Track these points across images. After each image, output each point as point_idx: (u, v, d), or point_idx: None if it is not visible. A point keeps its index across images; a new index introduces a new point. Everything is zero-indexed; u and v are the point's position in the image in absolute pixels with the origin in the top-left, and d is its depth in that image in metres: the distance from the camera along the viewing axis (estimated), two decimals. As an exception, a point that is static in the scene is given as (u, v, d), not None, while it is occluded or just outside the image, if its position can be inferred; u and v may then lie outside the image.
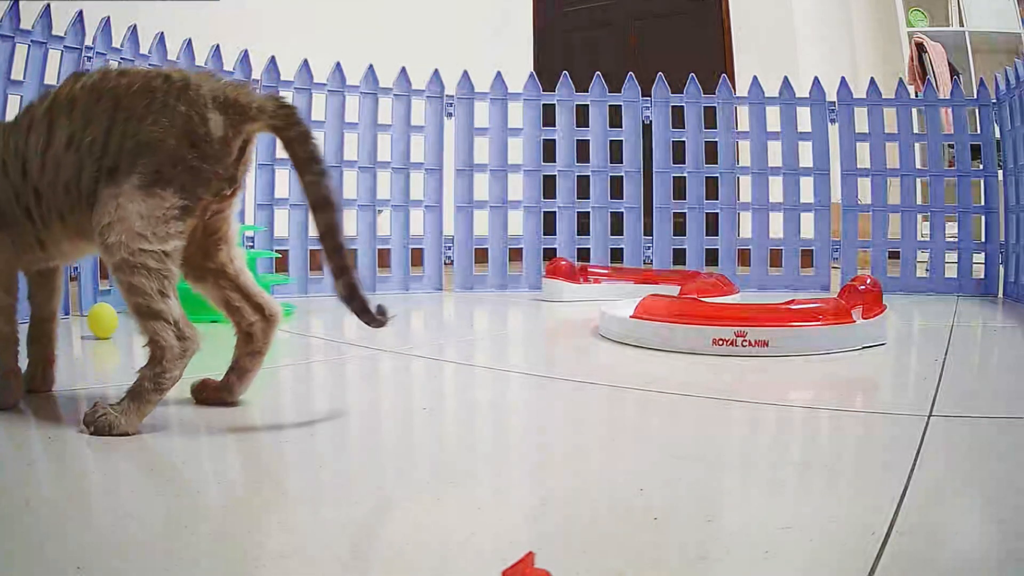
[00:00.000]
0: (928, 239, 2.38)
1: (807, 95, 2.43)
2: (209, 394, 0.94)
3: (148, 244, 0.81)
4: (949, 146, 2.53)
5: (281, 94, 0.97)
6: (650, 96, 2.47)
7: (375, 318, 0.89)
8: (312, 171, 0.86)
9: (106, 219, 0.81)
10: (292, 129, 0.86)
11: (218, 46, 2.11)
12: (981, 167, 2.36)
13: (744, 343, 1.32)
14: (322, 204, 0.86)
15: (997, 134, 2.33)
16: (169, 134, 0.81)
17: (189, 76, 0.86)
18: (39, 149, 0.84)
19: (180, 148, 0.82)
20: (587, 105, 2.49)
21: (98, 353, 1.37)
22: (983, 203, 2.35)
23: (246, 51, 2.20)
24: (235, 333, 0.95)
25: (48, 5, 1.65)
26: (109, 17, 1.78)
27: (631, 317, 1.45)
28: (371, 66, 2.34)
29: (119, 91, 0.83)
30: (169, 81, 0.84)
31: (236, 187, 0.89)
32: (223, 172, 0.85)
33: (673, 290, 1.86)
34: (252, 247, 2.18)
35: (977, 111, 2.37)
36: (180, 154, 0.81)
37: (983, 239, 2.34)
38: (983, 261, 2.33)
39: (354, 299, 0.88)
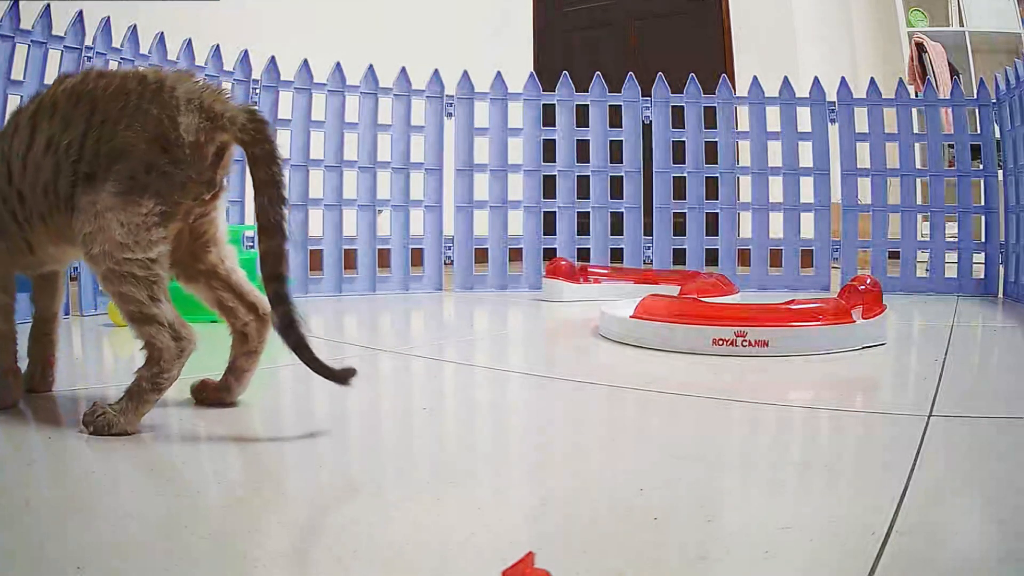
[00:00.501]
0: (928, 239, 2.38)
1: (807, 95, 2.43)
2: (208, 394, 0.94)
3: (132, 253, 0.80)
4: (949, 146, 2.53)
5: (256, 106, 0.94)
6: (650, 96, 2.47)
7: (316, 359, 0.84)
8: (268, 193, 0.83)
9: (87, 228, 0.81)
10: (258, 146, 0.84)
11: (218, 46, 2.11)
12: (981, 167, 2.36)
13: (744, 343, 1.32)
14: (270, 228, 0.83)
15: (997, 134, 2.33)
16: (140, 138, 0.81)
17: (165, 77, 0.84)
18: (21, 152, 0.85)
19: (152, 153, 0.81)
20: (587, 105, 2.49)
21: (100, 352, 1.38)
22: (983, 203, 2.35)
23: (246, 51, 2.20)
24: (230, 333, 0.94)
25: (48, 5, 1.65)
26: (109, 17, 1.78)
27: (631, 317, 1.45)
28: (371, 66, 2.34)
29: (96, 94, 0.83)
30: (144, 83, 0.83)
31: (216, 191, 0.88)
32: (198, 177, 0.84)
33: (673, 290, 1.86)
34: (252, 247, 2.18)
35: (977, 111, 2.37)
36: (152, 159, 0.81)
37: (983, 239, 2.34)
38: (983, 261, 2.33)
39: (290, 333, 0.83)
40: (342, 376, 0.84)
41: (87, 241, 0.81)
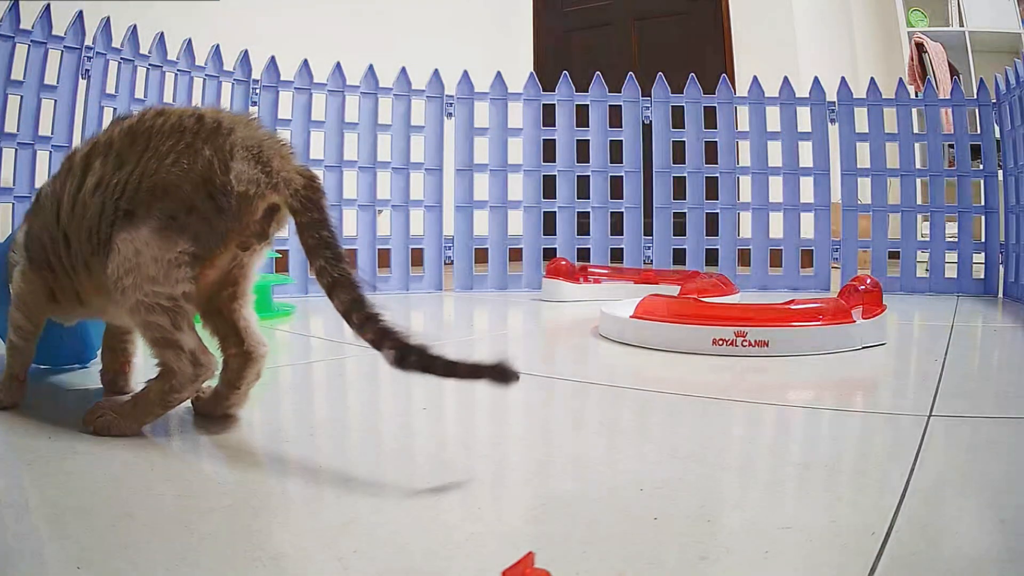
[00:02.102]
0: (928, 239, 2.38)
1: (807, 95, 2.43)
2: (202, 404, 0.93)
3: (160, 287, 0.78)
4: (949, 146, 2.54)
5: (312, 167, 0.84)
6: (650, 96, 2.47)
7: (458, 364, 0.72)
8: (323, 255, 0.77)
9: (124, 266, 0.78)
10: (306, 215, 0.78)
11: (218, 46, 2.11)
12: (981, 167, 2.36)
13: (744, 343, 1.32)
14: (339, 284, 0.76)
15: (997, 134, 2.33)
16: (186, 179, 0.77)
17: (223, 118, 0.81)
18: (72, 192, 0.83)
19: (195, 196, 0.77)
20: (587, 105, 2.49)
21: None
22: (983, 203, 2.35)
23: (246, 51, 2.20)
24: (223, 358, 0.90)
25: (48, 5, 1.65)
26: (109, 17, 1.78)
27: (631, 317, 1.45)
28: (371, 66, 2.34)
29: (152, 132, 0.80)
30: (201, 122, 0.80)
31: (266, 242, 0.85)
32: (242, 228, 0.80)
33: (673, 290, 1.86)
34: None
35: (977, 111, 2.37)
36: (194, 202, 0.77)
37: (983, 239, 2.34)
38: (983, 261, 2.33)
39: (411, 363, 0.74)
40: (502, 373, 0.70)
41: (122, 275, 0.78)
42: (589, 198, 2.49)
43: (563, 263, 2.24)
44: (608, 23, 4.12)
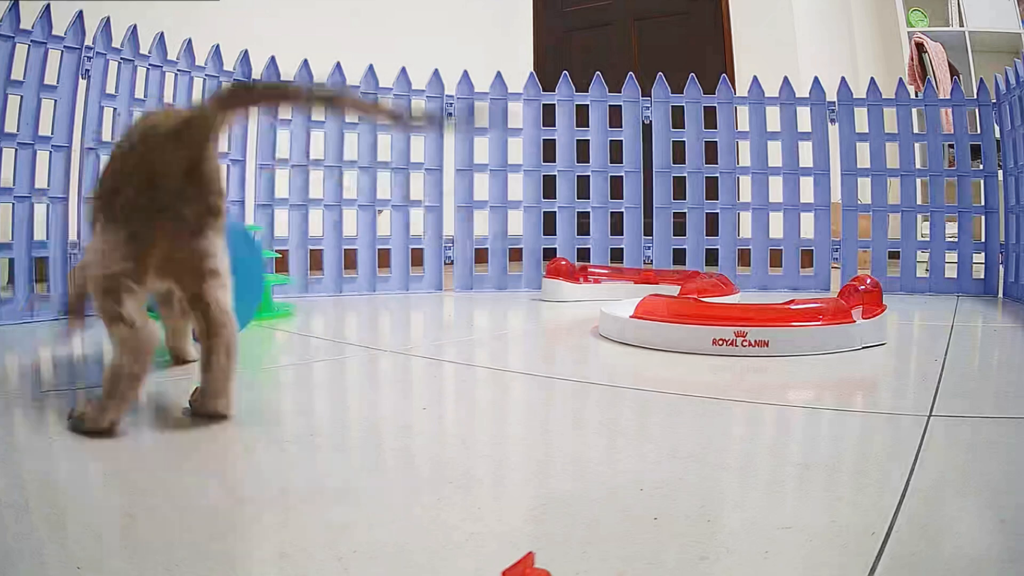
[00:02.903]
0: (928, 239, 2.38)
1: (807, 95, 2.43)
2: (196, 404, 0.92)
3: (103, 269, 0.83)
4: (949, 146, 2.54)
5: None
6: (650, 96, 2.47)
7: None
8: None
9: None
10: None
11: (218, 46, 2.11)
12: (981, 167, 2.36)
13: (744, 343, 1.32)
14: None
15: (997, 134, 2.33)
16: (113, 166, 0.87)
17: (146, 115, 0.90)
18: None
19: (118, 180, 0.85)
20: (587, 105, 2.49)
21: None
22: (983, 203, 2.35)
23: (246, 51, 2.20)
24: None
25: (48, 5, 1.65)
26: (109, 17, 1.78)
27: (631, 317, 1.45)
28: (371, 66, 2.34)
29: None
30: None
31: (216, 214, 0.87)
32: (169, 202, 0.84)
33: (673, 290, 1.86)
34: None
35: (977, 111, 2.37)
36: (117, 186, 0.85)
37: (983, 239, 2.34)
38: (983, 261, 2.33)
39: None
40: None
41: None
42: (589, 198, 2.49)
43: (563, 263, 2.24)
44: (608, 23, 4.12)
